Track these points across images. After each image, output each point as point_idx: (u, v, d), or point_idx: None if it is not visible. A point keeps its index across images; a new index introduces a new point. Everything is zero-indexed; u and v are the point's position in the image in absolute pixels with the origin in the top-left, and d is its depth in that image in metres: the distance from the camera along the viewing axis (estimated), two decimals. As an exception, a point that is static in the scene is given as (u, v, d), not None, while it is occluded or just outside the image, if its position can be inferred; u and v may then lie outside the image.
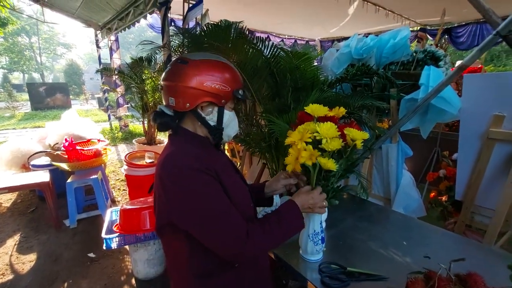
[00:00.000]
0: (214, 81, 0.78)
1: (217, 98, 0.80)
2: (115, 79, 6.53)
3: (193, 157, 0.76)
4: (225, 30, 1.86)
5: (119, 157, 5.38)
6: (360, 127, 1.05)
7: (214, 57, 0.83)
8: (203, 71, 0.78)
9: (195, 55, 0.81)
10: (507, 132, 1.49)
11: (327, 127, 0.87)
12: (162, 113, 0.84)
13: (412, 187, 2.08)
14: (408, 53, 1.90)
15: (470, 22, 6.51)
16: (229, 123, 0.87)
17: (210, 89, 0.78)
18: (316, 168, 0.87)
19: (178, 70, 0.79)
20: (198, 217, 0.73)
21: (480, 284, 0.65)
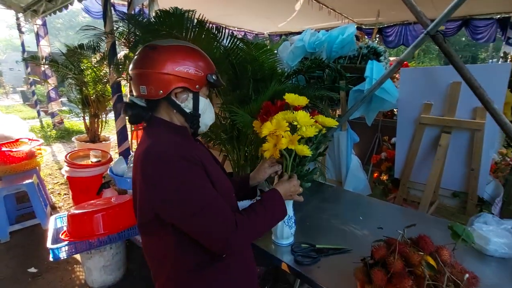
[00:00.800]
0: (186, 65, 0.76)
1: (191, 83, 0.78)
2: (44, 69, 5.70)
3: (177, 145, 0.74)
4: (179, 17, 1.78)
5: (55, 158, 4.76)
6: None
7: (182, 43, 0.80)
8: (174, 56, 0.75)
9: (163, 41, 0.78)
10: (434, 118, 1.76)
11: (303, 115, 0.91)
12: (133, 104, 0.79)
13: (360, 170, 2.32)
14: (354, 48, 2.08)
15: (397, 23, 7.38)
16: (205, 110, 0.84)
17: (183, 74, 0.76)
18: (292, 155, 0.92)
19: (147, 56, 0.75)
20: (186, 207, 0.69)
21: (429, 244, 0.78)
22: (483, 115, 1.58)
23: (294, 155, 0.92)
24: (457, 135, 1.71)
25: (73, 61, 3.52)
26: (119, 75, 2.97)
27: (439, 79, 1.68)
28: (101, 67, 3.68)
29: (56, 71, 3.82)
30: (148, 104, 0.80)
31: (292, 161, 0.94)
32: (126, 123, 3.06)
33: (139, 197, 0.76)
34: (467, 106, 1.63)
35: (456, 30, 6.55)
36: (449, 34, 6.70)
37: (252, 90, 1.86)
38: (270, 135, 0.92)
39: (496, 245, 1.00)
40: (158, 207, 0.72)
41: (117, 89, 3.00)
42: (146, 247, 0.84)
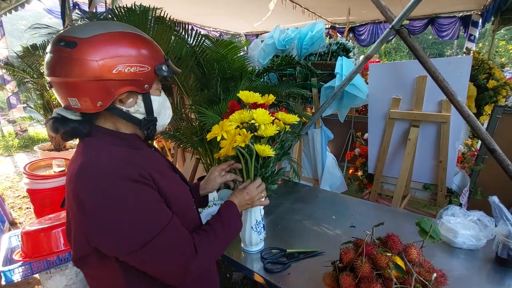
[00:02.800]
0: (126, 63, 0.59)
1: (137, 84, 0.62)
2: (2, 73, 5.28)
3: (120, 161, 0.61)
4: (142, 15, 1.67)
5: (18, 170, 4.41)
6: (288, 113, 1.11)
7: (111, 27, 0.60)
8: (105, 52, 0.57)
9: (84, 30, 0.58)
10: (403, 112, 1.78)
11: (261, 113, 0.86)
12: (63, 118, 0.63)
13: (335, 167, 2.31)
14: (324, 45, 2.06)
15: (368, 22, 7.61)
16: (161, 110, 0.70)
17: (125, 75, 0.59)
18: (253, 156, 0.86)
19: (66, 58, 0.56)
20: (133, 239, 0.57)
21: (397, 243, 0.75)
22: (448, 107, 1.61)
23: (256, 156, 0.86)
24: (425, 128, 1.74)
25: (31, 63, 3.25)
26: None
27: (406, 73, 1.70)
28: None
29: (13, 75, 3.53)
30: (84, 117, 0.64)
31: (255, 162, 0.88)
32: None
33: (73, 227, 0.62)
34: (433, 99, 1.65)
35: (423, 28, 6.85)
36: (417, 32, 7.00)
37: (221, 89, 1.79)
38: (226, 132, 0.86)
39: (464, 237, 1.00)
40: (97, 240, 0.58)
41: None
42: (89, 282, 0.71)
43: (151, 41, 0.66)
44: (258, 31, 8.69)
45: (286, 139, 0.97)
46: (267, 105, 1.04)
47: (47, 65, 0.59)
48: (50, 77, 0.60)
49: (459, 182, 1.85)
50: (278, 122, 0.91)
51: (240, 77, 1.86)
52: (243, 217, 0.98)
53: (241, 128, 0.87)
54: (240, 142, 0.82)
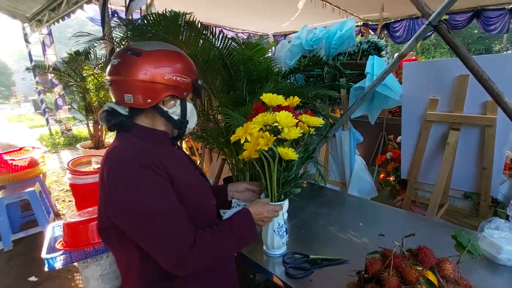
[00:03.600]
0: (174, 72, 0.73)
1: (179, 90, 0.76)
2: (51, 78, 5.81)
3: (141, 151, 0.71)
4: (173, 20, 1.74)
5: (63, 165, 4.82)
6: (314, 116, 1.08)
7: (166, 46, 0.77)
8: (161, 63, 0.72)
9: (146, 45, 0.74)
10: (441, 114, 1.65)
11: (285, 116, 0.85)
12: (113, 111, 0.75)
13: (364, 171, 2.21)
14: (354, 44, 1.99)
15: (404, 18, 7.20)
16: (191, 115, 0.83)
17: (172, 81, 0.73)
18: (276, 160, 0.85)
19: (131, 63, 0.70)
20: (137, 217, 0.64)
21: (430, 256, 0.69)
22: (494, 109, 1.46)
23: (279, 159, 0.85)
24: (466, 132, 1.60)
25: (75, 68, 3.54)
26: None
27: (445, 72, 1.57)
28: (103, 73, 3.70)
29: (59, 79, 3.87)
30: (130, 112, 0.76)
31: (278, 166, 0.87)
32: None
33: (99, 200, 0.72)
34: (476, 100, 1.51)
35: (467, 22, 6.31)
36: (459, 27, 6.47)
37: (246, 91, 1.79)
38: (250, 135, 0.85)
39: (509, 254, 0.90)
40: (110, 212, 0.67)
41: (117, 95, 3.00)
42: (113, 255, 0.81)
43: (190, 59, 0.80)
44: (286, 31, 8.63)
45: (310, 142, 0.94)
46: (291, 108, 1.02)
47: (112, 67, 0.73)
48: (113, 76, 0.73)
49: (506, 191, 1.67)
50: (302, 124, 0.89)
51: (266, 78, 1.85)
52: None
53: (264, 131, 0.86)
54: (263, 145, 0.81)
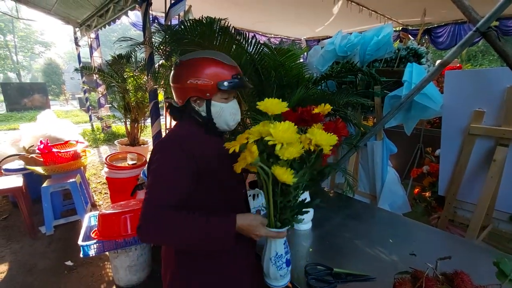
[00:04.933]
0: (196, 77, 0.86)
1: (201, 92, 0.88)
2: (96, 78, 6.30)
3: (184, 135, 0.89)
4: (207, 26, 1.80)
5: (101, 159, 5.18)
6: (345, 125, 1.02)
7: (202, 54, 0.89)
8: (188, 70, 0.87)
9: (189, 55, 0.90)
10: (487, 128, 1.51)
11: (284, 129, 0.70)
12: (171, 105, 0.97)
13: (397, 184, 2.09)
14: (391, 50, 1.90)
15: (449, 22, 6.74)
16: (220, 114, 0.92)
17: (193, 85, 0.86)
18: (269, 179, 0.73)
19: (173, 72, 0.91)
20: (152, 176, 0.82)
21: (468, 283, 0.63)
22: (552, 125, 1.31)
23: (274, 180, 0.72)
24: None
25: (117, 70, 3.81)
26: (156, 83, 3.12)
27: (493, 82, 1.44)
28: (141, 75, 3.93)
29: (103, 79, 4.18)
30: (181, 107, 0.94)
31: (275, 187, 0.75)
32: (161, 128, 3.20)
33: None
34: (530, 114, 1.36)
35: (522, 28, 5.75)
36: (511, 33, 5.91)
37: (276, 96, 1.79)
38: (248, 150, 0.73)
39: None
40: (147, 169, 0.90)
41: (154, 96, 3.16)
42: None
43: (222, 63, 0.88)
44: (319, 36, 8.51)
45: (317, 165, 0.77)
46: (322, 115, 0.98)
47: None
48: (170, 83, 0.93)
49: None
50: (306, 140, 0.75)
51: (297, 84, 1.84)
52: (265, 246, 0.92)
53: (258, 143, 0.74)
54: (248, 160, 0.69)
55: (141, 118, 4.28)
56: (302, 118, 1.10)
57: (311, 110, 1.00)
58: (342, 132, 1.06)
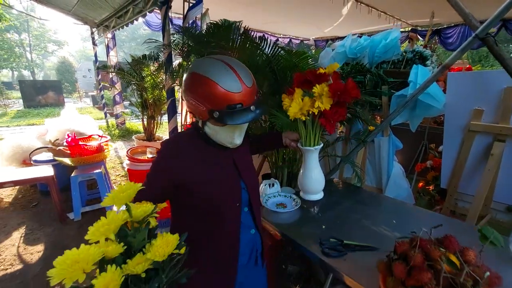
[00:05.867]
0: (193, 97, 0.82)
1: (195, 112, 0.86)
2: (111, 76, 6.56)
3: (175, 142, 0.94)
4: (227, 29, 1.98)
5: (117, 154, 5.43)
6: (356, 86, 1.23)
7: (208, 71, 0.78)
8: (191, 85, 0.82)
9: (199, 67, 0.81)
10: (486, 125, 1.65)
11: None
12: None
13: (402, 178, 2.23)
14: (398, 53, 2.04)
15: (458, 23, 6.76)
16: (215, 136, 0.89)
17: (190, 103, 0.85)
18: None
19: (184, 77, 0.87)
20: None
21: (454, 243, 0.79)
22: (545, 123, 1.44)
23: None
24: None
25: (136, 69, 4.03)
26: (173, 81, 3.32)
27: (491, 84, 1.58)
28: (159, 74, 4.14)
29: (122, 78, 4.41)
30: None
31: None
32: (177, 125, 3.40)
33: None
34: (524, 112, 1.50)
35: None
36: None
37: (291, 95, 1.96)
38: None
39: (543, 259, 0.94)
40: None
41: (171, 94, 3.36)
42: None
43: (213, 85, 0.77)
44: (328, 36, 8.60)
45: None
46: (327, 75, 1.23)
47: None
48: None
49: (556, 208, 1.61)
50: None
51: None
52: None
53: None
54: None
55: (157, 115, 4.50)
56: (306, 80, 1.31)
57: (315, 71, 1.22)
58: (352, 93, 1.21)
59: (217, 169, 0.93)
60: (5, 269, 2.17)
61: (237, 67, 0.80)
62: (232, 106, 0.79)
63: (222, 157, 0.95)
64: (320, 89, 1.17)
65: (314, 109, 1.17)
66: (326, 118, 1.25)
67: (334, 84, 1.21)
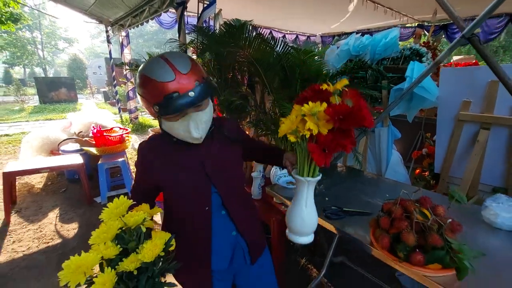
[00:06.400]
0: (140, 96, 0.85)
1: (148, 111, 0.86)
2: (125, 73, 6.86)
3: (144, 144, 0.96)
4: (239, 29, 2.21)
5: (133, 146, 5.74)
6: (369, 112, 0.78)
7: (144, 67, 0.80)
8: (137, 85, 0.84)
9: (142, 65, 0.83)
10: (473, 115, 1.85)
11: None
12: None
13: (400, 165, 2.45)
14: (397, 50, 2.25)
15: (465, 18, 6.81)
16: (172, 131, 0.87)
17: (142, 102, 0.85)
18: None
19: None
20: None
21: (428, 201, 1.02)
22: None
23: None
24: (496, 131, 1.78)
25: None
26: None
27: (478, 78, 1.78)
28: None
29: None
30: None
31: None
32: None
33: None
34: (505, 103, 1.69)
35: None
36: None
37: (299, 89, 2.19)
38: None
39: (504, 219, 1.16)
40: None
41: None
42: None
43: (148, 80, 0.78)
44: (334, 32, 8.70)
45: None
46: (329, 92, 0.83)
47: None
48: None
49: (535, 188, 1.81)
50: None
51: (316, 79, 2.22)
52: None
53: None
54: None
55: (171, 109, 4.77)
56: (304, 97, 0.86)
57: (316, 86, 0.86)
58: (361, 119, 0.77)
59: (182, 171, 0.91)
60: (47, 243, 2.48)
61: (172, 58, 0.79)
62: (168, 96, 0.76)
63: (189, 158, 0.93)
64: (309, 108, 0.76)
65: (305, 131, 0.76)
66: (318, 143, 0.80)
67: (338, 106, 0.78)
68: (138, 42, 38.03)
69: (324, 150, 0.78)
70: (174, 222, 0.99)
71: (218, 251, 0.97)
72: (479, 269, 0.86)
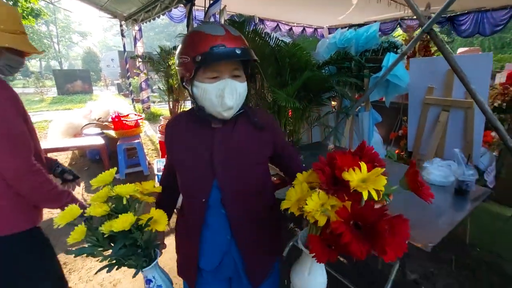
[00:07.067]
0: (179, 55, 0.78)
1: (183, 73, 0.79)
2: (138, 65, 7.29)
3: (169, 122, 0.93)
4: (241, 24, 2.55)
5: (145, 134, 6.22)
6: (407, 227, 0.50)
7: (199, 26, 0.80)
8: (179, 49, 0.80)
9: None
10: (436, 98, 2.16)
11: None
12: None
13: (380, 145, 2.78)
14: (377, 43, 2.55)
15: (472, 10, 6.85)
16: (203, 97, 0.78)
17: (178, 64, 0.80)
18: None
19: None
20: None
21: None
22: (475, 95, 1.94)
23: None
24: (454, 113, 2.09)
25: (164, 58, 4.69)
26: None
27: (439, 67, 2.07)
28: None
29: (152, 66, 5.09)
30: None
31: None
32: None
33: None
34: (461, 89, 1.99)
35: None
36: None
37: (289, 77, 2.53)
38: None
39: (436, 176, 1.50)
40: None
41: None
42: None
43: (197, 33, 0.76)
44: (342, 24, 8.74)
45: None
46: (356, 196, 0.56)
47: None
48: None
49: (487, 162, 2.11)
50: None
51: (305, 68, 2.55)
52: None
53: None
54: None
55: (182, 99, 5.17)
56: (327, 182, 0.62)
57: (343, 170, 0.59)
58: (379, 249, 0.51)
59: (190, 154, 0.85)
60: (77, 208, 2.95)
61: (224, 24, 0.80)
62: (215, 46, 0.73)
63: (201, 140, 0.85)
64: (318, 200, 0.59)
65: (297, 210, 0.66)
66: (323, 235, 0.61)
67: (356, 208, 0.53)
68: (149, 35, 38.60)
69: (330, 246, 0.58)
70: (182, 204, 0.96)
71: (206, 250, 0.89)
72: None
